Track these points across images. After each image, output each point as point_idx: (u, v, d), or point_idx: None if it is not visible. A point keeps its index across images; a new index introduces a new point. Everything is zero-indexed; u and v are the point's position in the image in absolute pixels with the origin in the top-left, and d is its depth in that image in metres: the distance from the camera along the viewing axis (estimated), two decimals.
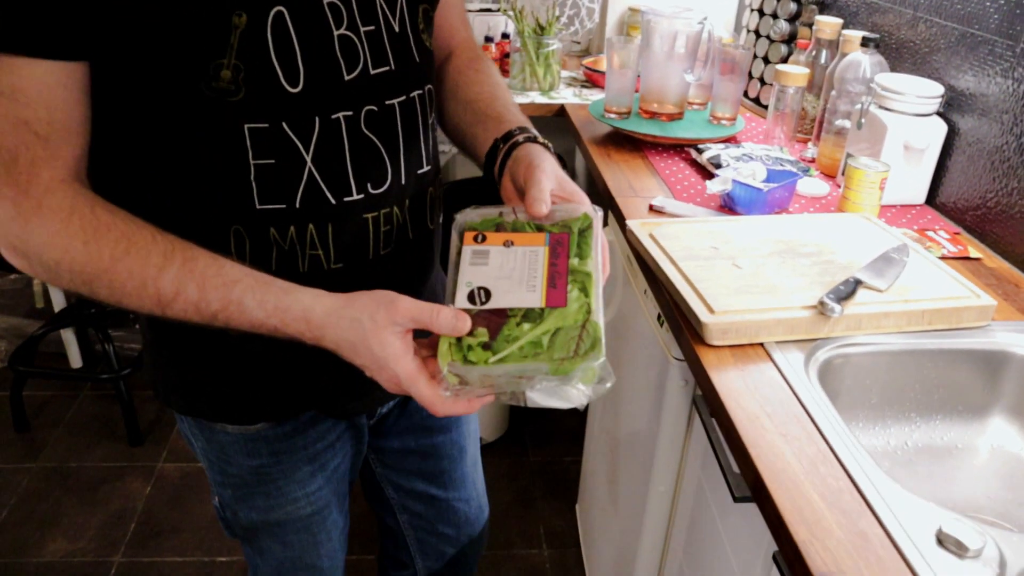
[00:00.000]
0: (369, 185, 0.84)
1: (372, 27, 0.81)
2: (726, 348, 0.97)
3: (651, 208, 1.36)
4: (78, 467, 2.28)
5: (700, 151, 1.55)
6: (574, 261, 0.79)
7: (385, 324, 0.72)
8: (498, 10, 2.24)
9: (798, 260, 1.11)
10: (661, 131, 1.62)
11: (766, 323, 0.98)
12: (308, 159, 0.79)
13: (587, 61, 2.20)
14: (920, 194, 1.45)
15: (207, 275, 0.73)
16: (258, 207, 0.79)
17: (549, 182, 0.82)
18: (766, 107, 1.88)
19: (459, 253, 0.81)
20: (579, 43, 2.40)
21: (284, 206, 0.80)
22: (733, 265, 1.10)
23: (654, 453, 1.22)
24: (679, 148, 1.64)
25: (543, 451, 2.38)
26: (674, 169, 1.54)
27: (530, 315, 0.75)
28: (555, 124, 2.03)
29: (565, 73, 2.24)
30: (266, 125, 0.76)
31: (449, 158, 2.42)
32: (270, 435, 0.98)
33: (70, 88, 0.70)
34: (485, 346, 0.73)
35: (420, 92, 0.88)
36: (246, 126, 0.75)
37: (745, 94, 2.01)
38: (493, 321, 0.74)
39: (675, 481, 1.23)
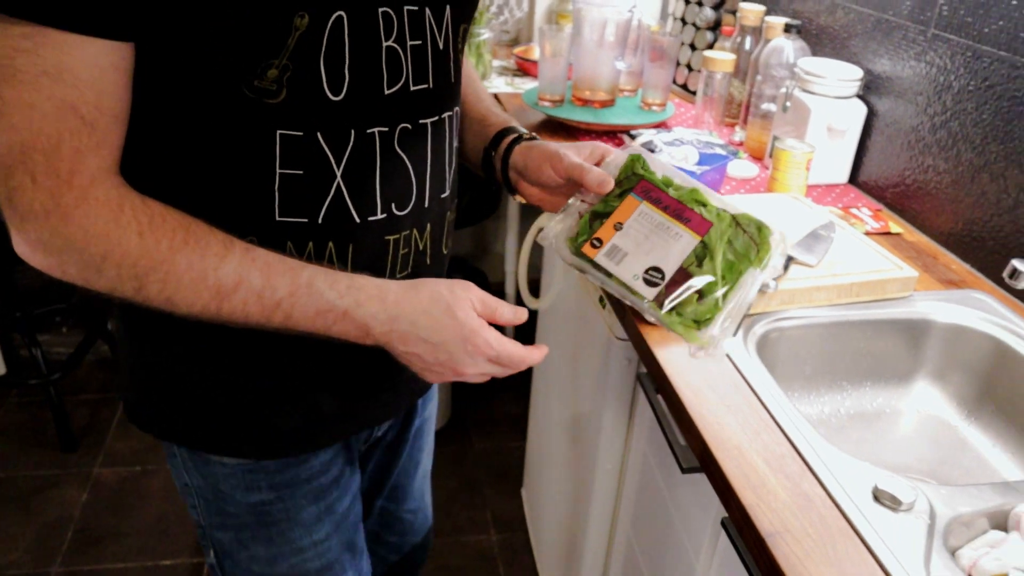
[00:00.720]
0: (394, 206, 0.81)
1: (419, 42, 0.77)
2: None
3: None
4: (8, 477, 2.21)
5: (633, 137, 1.58)
6: (671, 192, 0.83)
7: (465, 298, 0.74)
8: None
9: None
10: (594, 118, 1.65)
11: None
12: (338, 173, 0.75)
13: (518, 50, 2.22)
14: (843, 173, 1.52)
15: (270, 262, 0.70)
16: (278, 219, 0.75)
17: (579, 159, 0.86)
18: (694, 93, 1.93)
19: (595, 265, 0.82)
20: (508, 32, 2.42)
21: (306, 220, 0.76)
22: None
23: (599, 432, 1.25)
24: (612, 134, 1.67)
25: (487, 438, 2.40)
26: None
27: (699, 254, 0.79)
28: None
29: (496, 62, 2.25)
30: (300, 133, 0.72)
31: None
32: (269, 466, 0.91)
33: (120, 72, 0.65)
34: (700, 300, 0.78)
35: (450, 113, 0.86)
36: (279, 132, 0.71)
37: (673, 80, 2.06)
38: (682, 283, 0.78)
39: (621, 459, 1.27)
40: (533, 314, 1.64)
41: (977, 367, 1.08)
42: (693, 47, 1.97)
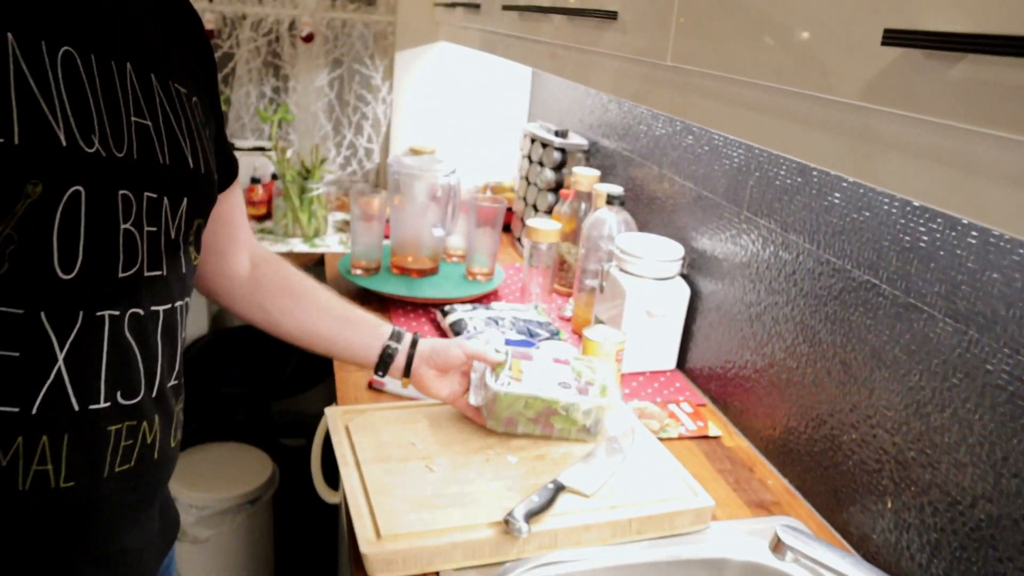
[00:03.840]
0: (119, 394, 0.73)
1: (155, 228, 0.74)
2: None
3: (371, 385, 1.21)
4: None
5: (445, 313, 1.43)
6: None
7: None
8: (270, 149, 2.11)
9: (505, 457, 0.98)
10: (408, 290, 1.49)
11: (441, 548, 0.83)
12: (60, 357, 0.68)
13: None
14: (670, 359, 1.38)
15: None
16: None
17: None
18: None
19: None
20: (362, 183, 2.30)
21: (17, 410, 0.67)
22: (427, 468, 0.95)
23: None
24: (426, 307, 1.52)
25: None
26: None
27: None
28: (316, 274, 1.88)
29: (341, 216, 2.12)
30: (20, 311, 0.65)
31: None
32: None
33: None
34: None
35: (182, 303, 0.82)
36: None
37: (520, 240, 1.94)
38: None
39: None
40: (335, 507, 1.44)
41: None
42: (536, 208, 1.86)
